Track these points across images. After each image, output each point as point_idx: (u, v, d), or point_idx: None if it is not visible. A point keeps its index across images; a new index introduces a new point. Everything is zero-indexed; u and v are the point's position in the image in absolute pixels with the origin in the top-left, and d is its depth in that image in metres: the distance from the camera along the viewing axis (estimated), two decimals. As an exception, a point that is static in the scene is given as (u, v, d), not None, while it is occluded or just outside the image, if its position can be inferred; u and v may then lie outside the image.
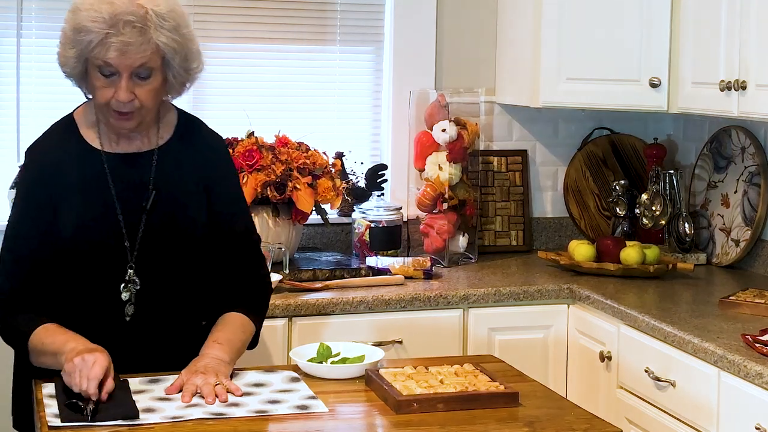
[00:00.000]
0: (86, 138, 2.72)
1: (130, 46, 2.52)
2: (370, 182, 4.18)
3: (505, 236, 4.44)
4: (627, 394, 3.44)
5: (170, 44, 2.58)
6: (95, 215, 2.67)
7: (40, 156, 2.72)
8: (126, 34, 2.51)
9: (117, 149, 2.71)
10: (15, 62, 3.92)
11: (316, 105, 4.28)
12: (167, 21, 2.57)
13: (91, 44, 2.54)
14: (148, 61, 2.56)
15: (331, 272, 3.75)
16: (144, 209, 2.68)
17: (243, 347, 2.74)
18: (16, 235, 2.69)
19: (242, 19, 4.14)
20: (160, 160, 2.72)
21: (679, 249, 4.19)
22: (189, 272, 2.75)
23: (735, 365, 2.87)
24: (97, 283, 2.67)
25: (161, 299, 2.72)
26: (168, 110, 2.79)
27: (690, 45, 3.82)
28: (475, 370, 2.67)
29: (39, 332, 2.61)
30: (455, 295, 3.66)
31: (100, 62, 2.55)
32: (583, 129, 4.54)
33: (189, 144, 2.77)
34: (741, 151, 4.06)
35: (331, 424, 2.41)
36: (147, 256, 2.69)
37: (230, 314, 2.76)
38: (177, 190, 2.72)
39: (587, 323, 3.68)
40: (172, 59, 2.60)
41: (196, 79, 2.73)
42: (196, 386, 2.50)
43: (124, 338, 2.68)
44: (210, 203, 2.75)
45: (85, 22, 2.53)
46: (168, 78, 2.64)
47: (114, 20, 2.51)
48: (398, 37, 4.29)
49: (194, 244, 2.73)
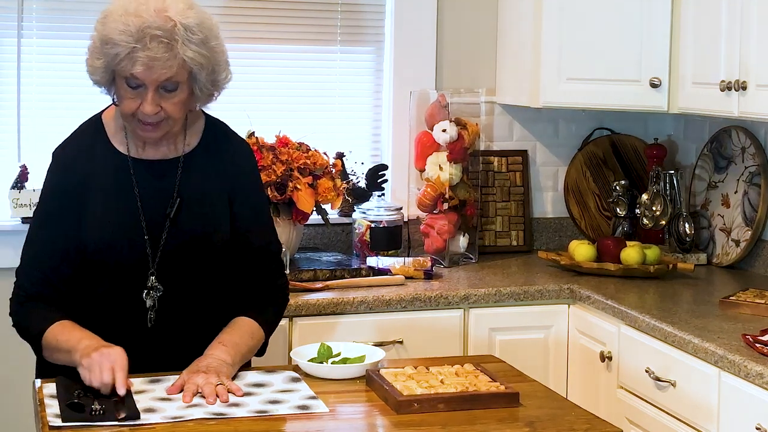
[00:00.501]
0: (113, 142, 2.72)
1: (156, 61, 2.51)
2: (371, 182, 4.18)
3: (505, 236, 4.44)
4: (627, 394, 3.44)
5: (197, 59, 2.56)
6: (119, 220, 2.67)
7: (67, 159, 2.72)
8: (152, 49, 2.50)
9: (143, 155, 2.71)
10: (16, 62, 3.92)
11: (317, 105, 4.28)
12: (195, 34, 2.55)
13: (117, 57, 2.52)
14: (174, 75, 2.55)
15: (332, 272, 3.75)
16: (168, 216, 2.68)
17: (249, 353, 2.73)
18: (38, 236, 2.70)
19: (243, 19, 4.15)
20: (186, 167, 2.73)
21: (680, 249, 4.20)
22: (210, 279, 2.75)
23: (735, 365, 2.87)
24: (119, 287, 2.68)
25: (183, 305, 2.72)
26: (196, 117, 2.78)
27: (690, 45, 3.82)
28: (476, 371, 2.67)
29: (54, 329, 2.61)
30: (456, 295, 3.66)
31: (126, 74, 2.54)
32: (583, 129, 4.54)
33: (215, 152, 2.77)
34: (741, 151, 4.06)
35: (332, 424, 2.41)
36: (169, 263, 2.69)
37: (241, 318, 2.75)
38: (201, 198, 2.72)
39: (588, 323, 3.68)
40: (199, 73, 2.59)
41: (224, 89, 2.72)
42: (197, 386, 2.50)
43: (146, 344, 2.69)
44: (232, 212, 2.76)
45: (113, 35, 2.52)
46: (195, 91, 2.63)
47: (141, 34, 2.50)
48: (399, 37, 4.29)
49: (216, 252, 2.73)
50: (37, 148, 3.84)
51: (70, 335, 2.59)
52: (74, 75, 3.86)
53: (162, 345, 2.71)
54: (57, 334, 2.60)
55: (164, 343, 2.71)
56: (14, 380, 2.91)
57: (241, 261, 2.78)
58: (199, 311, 2.75)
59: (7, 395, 3.64)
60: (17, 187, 3.85)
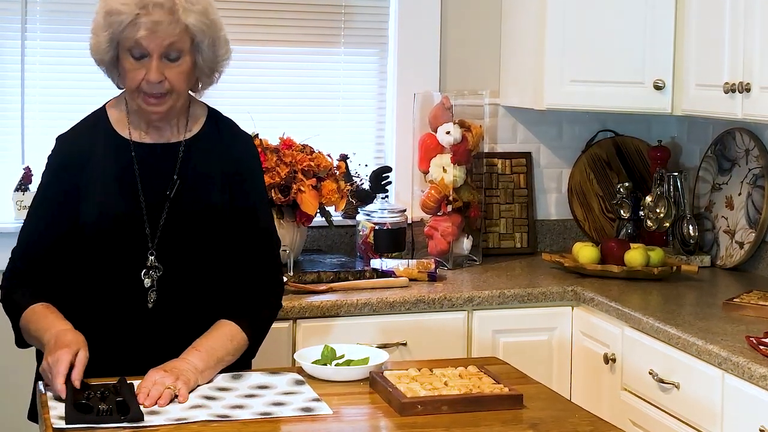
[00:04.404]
0: (116, 128, 2.77)
1: (159, 26, 2.59)
2: (375, 184, 4.18)
3: (509, 238, 4.45)
4: (631, 396, 3.44)
5: (199, 26, 2.64)
6: (119, 202, 2.71)
7: (68, 143, 2.78)
8: (155, 14, 2.58)
9: (146, 139, 2.76)
10: (19, 64, 3.92)
11: (321, 107, 4.28)
12: (195, 5, 2.64)
13: (122, 25, 2.59)
14: (177, 41, 2.62)
15: (336, 274, 3.75)
16: (168, 197, 2.72)
17: (228, 355, 2.71)
18: (36, 215, 2.76)
19: (247, 21, 4.15)
20: (187, 151, 2.76)
21: (683, 251, 4.19)
22: (210, 261, 2.77)
23: (739, 367, 2.87)
24: (119, 268, 2.71)
25: (183, 286, 2.74)
26: (199, 106, 2.83)
27: (694, 47, 3.82)
28: (480, 372, 2.67)
29: (26, 314, 2.68)
30: (459, 297, 3.66)
31: (131, 43, 2.61)
32: (587, 131, 4.54)
33: (217, 139, 2.81)
34: (745, 153, 4.06)
35: (336, 426, 2.41)
36: (168, 243, 2.72)
37: (222, 321, 2.75)
38: (201, 180, 2.76)
39: (591, 325, 3.68)
40: (201, 41, 2.66)
41: (225, 67, 2.78)
42: (152, 382, 2.50)
43: (147, 325, 2.72)
44: (232, 197, 2.78)
45: (116, 5, 2.60)
46: (197, 62, 2.69)
47: (143, 2, 2.58)
48: (403, 39, 4.29)
49: (215, 233, 2.75)
50: (41, 150, 3.79)
51: (38, 324, 2.64)
52: (78, 76, 3.91)
53: (163, 327, 2.73)
54: (28, 320, 2.67)
55: (165, 325, 2.73)
56: (14, 380, 2.92)
57: (241, 247, 2.79)
58: (199, 293, 2.76)
59: (7, 395, 3.64)
60: (21, 189, 3.86)
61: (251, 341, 2.77)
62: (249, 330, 2.76)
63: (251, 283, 2.81)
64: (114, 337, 2.72)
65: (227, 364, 2.71)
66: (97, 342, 2.65)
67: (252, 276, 2.81)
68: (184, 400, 2.49)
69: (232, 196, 2.78)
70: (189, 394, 2.52)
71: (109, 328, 2.73)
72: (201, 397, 2.52)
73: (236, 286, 2.80)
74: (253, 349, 2.81)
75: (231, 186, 2.78)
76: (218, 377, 2.66)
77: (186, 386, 2.53)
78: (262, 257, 2.83)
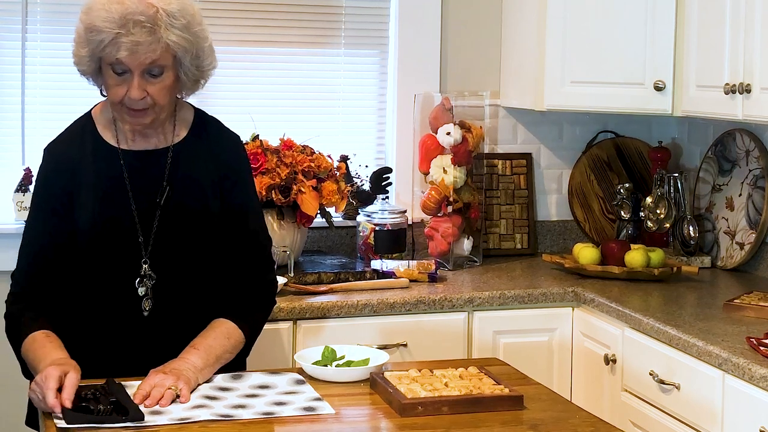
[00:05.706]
0: (103, 136, 2.76)
1: (140, 46, 2.56)
2: (375, 185, 4.18)
3: (509, 239, 4.45)
4: (631, 397, 3.44)
5: (181, 43, 2.61)
6: (110, 211, 2.71)
7: (57, 153, 2.77)
8: (136, 33, 2.55)
9: (133, 146, 2.75)
10: (20, 65, 3.93)
11: (321, 108, 4.28)
12: (178, 20, 2.60)
13: (102, 44, 2.58)
14: (158, 59, 2.60)
15: (336, 275, 3.75)
16: (158, 205, 2.71)
17: (226, 353, 2.72)
18: (32, 230, 2.75)
19: (247, 22, 4.15)
20: (175, 156, 2.76)
21: (684, 252, 4.19)
22: (203, 266, 2.77)
23: (739, 368, 2.87)
24: (113, 277, 2.71)
25: (178, 294, 2.75)
26: (185, 109, 2.83)
27: (694, 48, 3.82)
28: (480, 373, 2.67)
29: (27, 343, 2.66)
30: (460, 298, 3.66)
31: (112, 59, 2.59)
32: (587, 132, 4.54)
33: (205, 141, 2.80)
34: (745, 154, 4.06)
35: (336, 427, 2.41)
36: (161, 251, 2.72)
37: (218, 320, 2.76)
38: (191, 185, 2.75)
39: (592, 326, 3.68)
40: (183, 57, 2.64)
41: (210, 75, 2.76)
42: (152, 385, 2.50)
43: (143, 333, 2.72)
44: (225, 197, 2.78)
45: (97, 22, 2.57)
46: (180, 76, 2.68)
47: (124, 20, 2.55)
48: (403, 40, 4.29)
49: (207, 239, 2.75)
50: (41, 151, 3.83)
51: (35, 354, 2.62)
52: (78, 78, 3.87)
53: (159, 334, 2.73)
54: (27, 350, 2.65)
55: (161, 332, 2.73)
56: (14, 380, 2.92)
57: (232, 248, 2.79)
58: (193, 298, 2.77)
59: (7, 395, 3.64)
60: (21, 190, 3.86)
61: (247, 339, 2.78)
62: (244, 327, 2.77)
63: (244, 282, 2.82)
64: (110, 346, 2.73)
65: (226, 361, 2.72)
66: (93, 351, 2.66)
67: (245, 276, 2.82)
68: (186, 400, 2.49)
69: (222, 198, 2.78)
70: (191, 394, 2.52)
71: (105, 336, 2.73)
72: (202, 397, 2.52)
73: (229, 286, 2.80)
74: (247, 347, 2.82)
75: (221, 189, 2.78)
76: (219, 377, 2.66)
77: (187, 386, 2.53)
78: (254, 257, 2.84)
